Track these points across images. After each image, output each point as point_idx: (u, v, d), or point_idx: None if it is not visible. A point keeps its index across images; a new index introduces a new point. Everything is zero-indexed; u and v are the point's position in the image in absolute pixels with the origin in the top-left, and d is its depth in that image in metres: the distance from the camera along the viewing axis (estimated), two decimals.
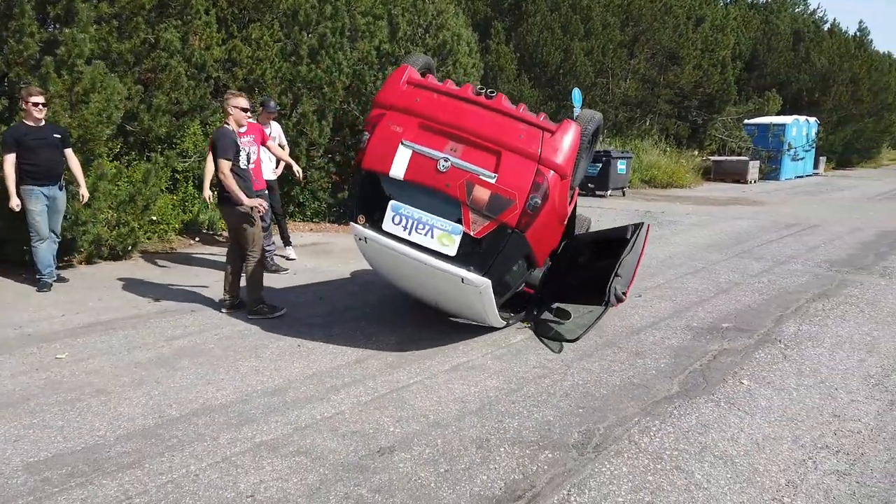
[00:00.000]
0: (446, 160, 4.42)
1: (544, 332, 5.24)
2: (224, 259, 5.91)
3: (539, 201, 4.35)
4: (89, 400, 3.92)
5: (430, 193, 4.48)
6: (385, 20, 10.56)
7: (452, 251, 4.43)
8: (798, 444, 3.50)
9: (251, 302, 5.64)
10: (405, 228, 4.50)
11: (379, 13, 11.45)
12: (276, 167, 7.74)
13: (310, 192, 10.51)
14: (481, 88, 4.75)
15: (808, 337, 5.28)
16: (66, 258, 7.60)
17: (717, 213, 13.12)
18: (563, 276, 5.67)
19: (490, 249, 4.42)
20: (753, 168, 21.08)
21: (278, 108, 8.72)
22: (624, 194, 16.59)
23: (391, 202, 4.56)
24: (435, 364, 4.60)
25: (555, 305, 5.59)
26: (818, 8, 42.03)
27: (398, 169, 4.51)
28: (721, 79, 22.65)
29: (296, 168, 6.95)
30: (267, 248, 6.90)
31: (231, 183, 5.38)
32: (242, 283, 5.75)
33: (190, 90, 9.37)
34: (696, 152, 22.59)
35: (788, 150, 22.34)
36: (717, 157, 22.10)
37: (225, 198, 5.55)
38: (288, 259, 7.84)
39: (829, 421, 3.79)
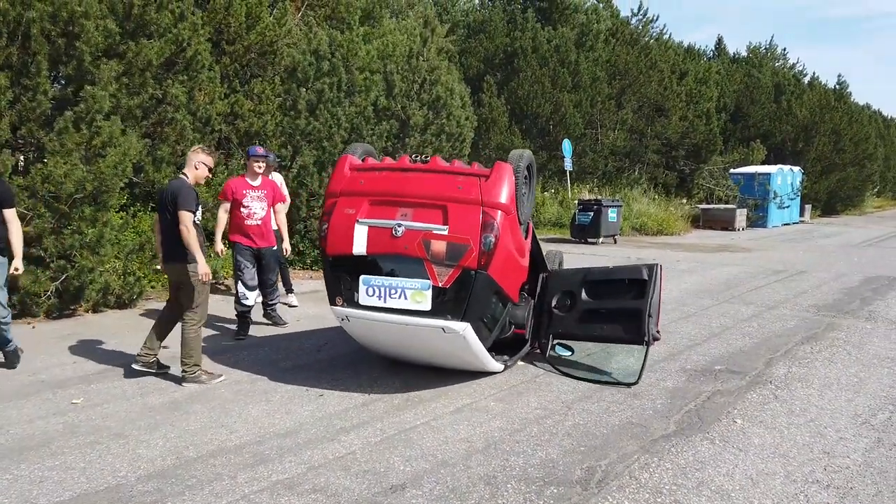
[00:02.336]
0: (399, 226, 4.73)
1: (565, 366, 5.65)
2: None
3: (492, 239, 4.65)
4: (108, 443, 4.05)
5: (394, 259, 4.80)
6: (381, 75, 10.99)
7: (427, 306, 4.69)
8: (790, 479, 3.68)
9: (189, 366, 5.14)
10: (380, 297, 4.78)
11: (375, 68, 11.90)
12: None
13: (310, 240, 10.75)
14: (416, 156, 5.18)
15: (797, 378, 5.48)
16: (72, 307, 7.76)
17: (706, 260, 13.42)
18: (568, 314, 5.85)
19: (460, 294, 4.68)
20: (741, 216, 21.54)
21: (278, 159, 8.93)
22: (615, 241, 16.91)
23: (361, 277, 4.85)
24: (439, 406, 4.76)
25: (556, 342, 5.81)
26: (797, 62, 43.29)
27: (360, 246, 4.83)
28: (706, 129, 23.34)
29: (285, 244, 7.03)
30: (271, 302, 7.04)
31: (194, 240, 4.98)
32: (168, 342, 5.46)
33: (195, 143, 9.66)
34: (684, 200, 23.08)
35: (774, 199, 22.87)
36: (705, 206, 22.59)
37: (174, 253, 5.12)
38: (290, 306, 8.01)
39: (819, 457, 3.96)
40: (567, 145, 19.83)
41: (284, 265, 8.18)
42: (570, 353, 5.83)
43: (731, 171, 24.23)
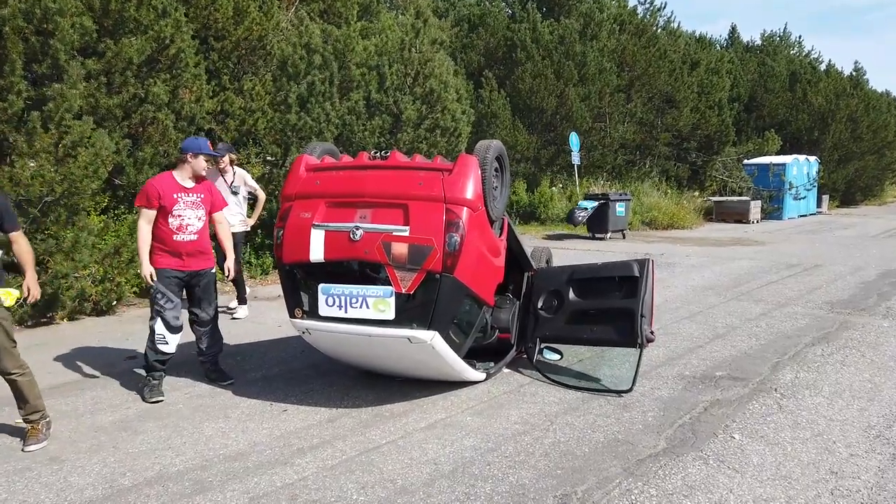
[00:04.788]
0: (357, 228, 4.35)
1: (553, 372, 5.26)
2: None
3: (457, 238, 4.27)
4: (40, 469, 3.72)
5: (353, 265, 4.43)
6: (375, 70, 10.62)
7: (391, 314, 4.31)
8: None
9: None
10: (340, 307, 4.40)
11: (374, 63, 11.53)
12: (247, 218, 7.44)
13: None
14: (375, 152, 4.79)
15: (805, 385, 5.03)
16: (49, 314, 7.48)
17: (717, 255, 12.92)
18: (555, 316, 5.45)
19: (426, 300, 4.29)
20: (755, 208, 20.94)
21: (232, 150, 7.69)
22: (624, 237, 16.43)
23: (320, 286, 4.47)
24: (411, 422, 4.38)
25: (543, 346, 5.41)
26: (812, 49, 42.37)
27: (317, 252, 4.45)
28: (719, 120, 22.73)
29: (229, 262, 5.32)
30: (208, 350, 5.28)
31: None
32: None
33: (179, 143, 9.35)
34: (696, 193, 22.52)
35: (790, 190, 22.22)
36: (718, 198, 22.00)
37: None
38: (233, 317, 7.40)
39: (825, 478, 3.54)
40: (574, 139, 19.32)
41: (240, 275, 7.39)
42: (558, 357, 5.43)
43: (745, 161, 23.59)
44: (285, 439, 4.11)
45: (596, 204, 15.74)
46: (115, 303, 7.88)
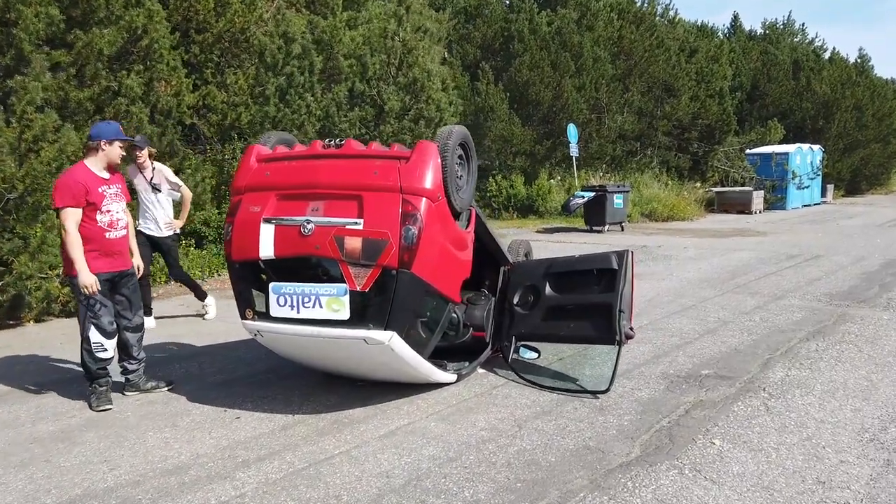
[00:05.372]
0: (308, 222, 4.06)
1: (529, 372, 4.96)
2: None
3: (415, 231, 3.97)
4: None
5: (305, 262, 4.15)
6: (358, 59, 10.31)
7: (345, 314, 4.01)
8: None
9: None
10: (292, 307, 4.10)
11: (362, 54, 11.21)
12: (173, 220, 6.76)
13: None
14: (329, 141, 4.49)
15: (796, 383, 4.71)
16: (19, 315, 7.23)
17: (716, 246, 12.57)
18: (531, 312, 5.14)
19: (383, 298, 4.00)
20: (758, 198, 20.56)
21: (150, 144, 7.08)
22: (622, 229, 16.08)
23: (271, 285, 4.18)
24: (370, 429, 4.09)
25: (519, 344, 5.11)
26: (816, 37, 41.74)
27: (266, 249, 4.15)
28: (720, 109, 22.32)
29: (136, 259, 4.91)
30: (137, 356, 4.81)
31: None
32: None
33: (154, 137, 9.07)
34: (698, 184, 22.13)
35: (793, 179, 21.83)
36: (719, 189, 21.63)
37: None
38: (205, 317, 7.08)
39: (811, 489, 3.22)
40: (572, 130, 18.97)
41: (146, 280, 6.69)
42: (536, 355, 5.11)
43: (748, 151, 23.19)
44: (231, 450, 3.83)
45: (592, 193, 15.40)
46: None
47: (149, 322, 6.65)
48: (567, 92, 18.19)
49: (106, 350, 4.50)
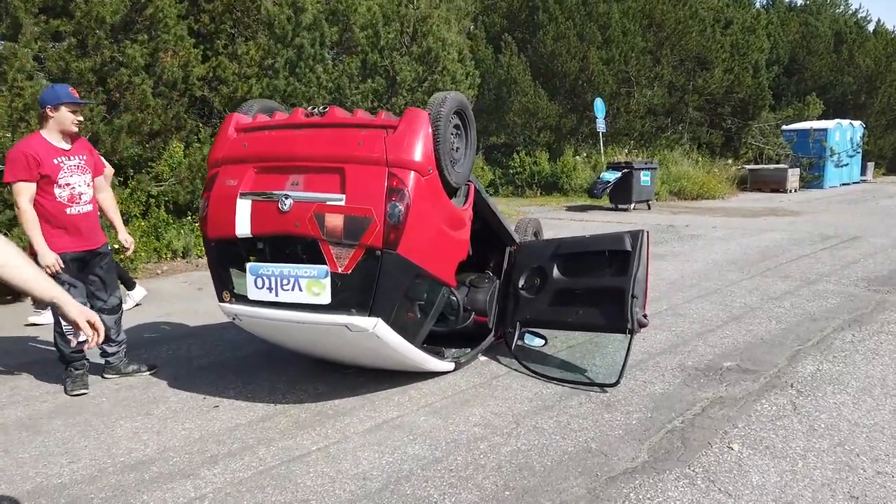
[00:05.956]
0: (286, 197, 3.71)
1: (534, 361, 4.61)
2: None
3: (401, 209, 3.59)
4: None
5: (283, 240, 3.82)
6: (372, 29, 9.89)
7: (326, 298, 3.67)
8: None
9: None
10: (271, 290, 3.77)
11: (375, 22, 10.78)
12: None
13: None
14: (312, 108, 4.10)
15: (828, 379, 4.27)
16: (7, 297, 7.05)
17: (746, 226, 12.00)
18: (538, 296, 4.76)
19: (366, 282, 3.64)
20: (793, 176, 19.77)
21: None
22: (649, 207, 15.53)
23: (248, 266, 3.86)
24: (354, 422, 3.77)
25: (523, 330, 4.74)
26: (860, 8, 40.01)
27: (243, 226, 3.82)
28: (754, 83, 21.42)
29: (122, 235, 4.63)
30: (117, 338, 4.52)
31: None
32: None
33: (159, 109, 8.81)
34: (730, 161, 21.35)
35: (831, 157, 20.94)
36: (753, 166, 20.84)
37: None
38: (134, 305, 6.48)
39: None
40: (599, 104, 18.33)
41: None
42: (542, 342, 4.73)
43: (784, 127, 22.29)
44: (202, 443, 3.54)
45: (619, 174, 14.84)
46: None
47: (139, 292, 6.51)
48: (594, 64, 17.55)
49: (79, 333, 4.21)
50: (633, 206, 15.13)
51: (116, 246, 4.52)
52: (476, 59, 18.76)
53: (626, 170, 14.89)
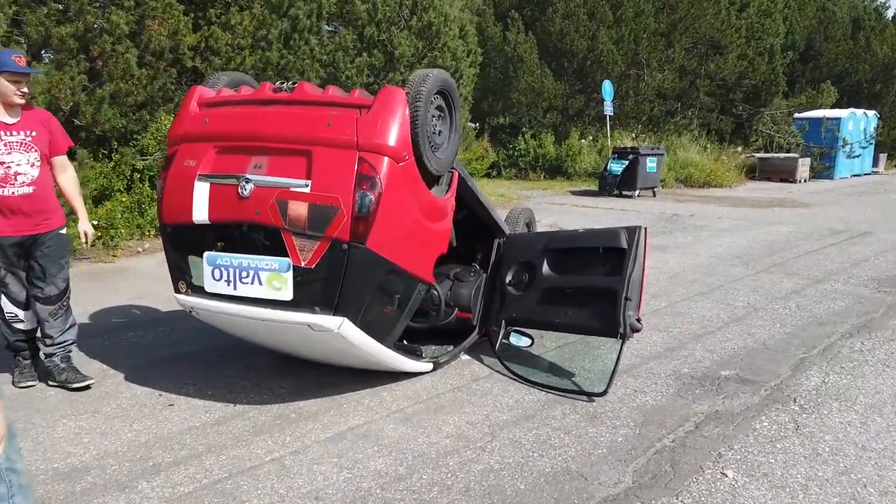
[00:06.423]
0: (247, 181, 3.38)
1: (519, 363, 4.30)
2: None
3: (371, 198, 3.26)
4: None
5: (243, 228, 3.48)
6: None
7: (288, 294, 3.34)
8: None
9: None
10: (229, 282, 3.45)
11: None
12: None
13: None
14: (281, 83, 3.76)
15: (834, 393, 3.95)
16: None
17: (753, 217, 11.62)
18: (525, 293, 4.44)
19: (331, 278, 3.31)
20: (803, 166, 19.27)
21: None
22: (654, 195, 15.12)
23: (206, 255, 3.53)
24: (317, 428, 3.47)
25: (509, 329, 4.41)
26: None
27: (200, 212, 3.50)
28: (768, 68, 20.85)
29: (84, 225, 4.14)
30: (60, 341, 3.98)
31: None
32: None
33: (144, 79, 8.45)
34: (739, 149, 20.85)
35: (843, 147, 20.39)
36: (762, 154, 20.34)
37: None
38: None
39: None
40: (607, 87, 17.86)
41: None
42: (529, 342, 4.39)
43: (796, 115, 21.73)
44: (147, 449, 3.24)
45: (626, 162, 14.45)
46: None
47: None
48: (603, 44, 17.05)
49: (22, 321, 3.91)
50: (637, 193, 14.74)
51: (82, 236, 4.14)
52: (483, 36, 18.31)
53: (631, 156, 14.49)
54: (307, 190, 3.28)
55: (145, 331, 5.06)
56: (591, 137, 18.97)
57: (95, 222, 7.93)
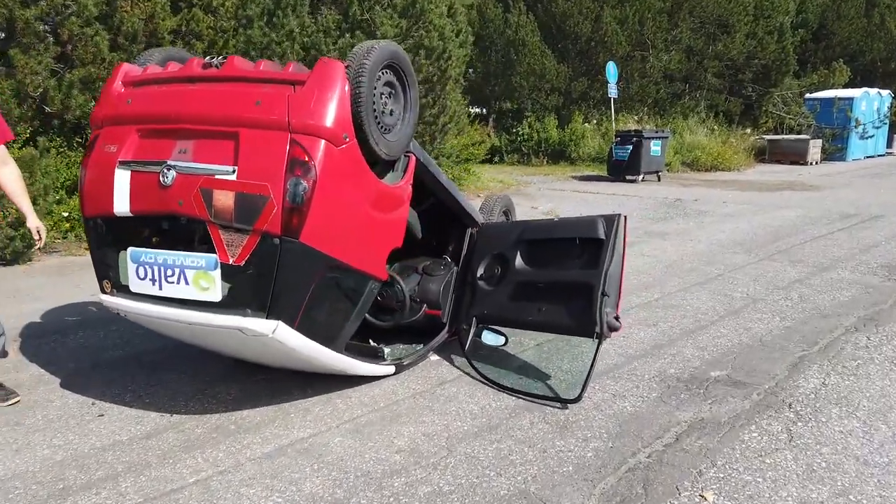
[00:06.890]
0: (169, 168, 3.02)
1: (490, 364, 3.97)
2: None
3: (306, 186, 2.89)
4: None
5: (166, 221, 3.16)
6: None
7: (216, 295, 3.00)
8: None
9: None
10: (154, 282, 3.12)
11: None
12: None
13: None
14: (211, 58, 3.37)
15: (834, 397, 3.57)
16: None
17: (760, 202, 11.17)
18: (497, 288, 4.07)
19: (263, 276, 2.95)
20: (815, 148, 18.72)
21: None
22: (659, 179, 14.69)
23: (130, 251, 3.20)
24: (255, 442, 3.13)
25: (479, 326, 4.05)
26: None
27: (122, 203, 3.16)
28: (778, 48, 20.23)
29: (32, 222, 3.66)
30: None
31: None
32: None
33: (114, 64, 8.10)
34: (748, 131, 20.29)
35: (856, 127, 19.79)
36: (772, 136, 19.78)
37: None
38: None
39: None
40: (612, 69, 17.34)
41: None
42: (502, 341, 4.03)
43: (807, 96, 21.11)
44: (61, 469, 2.92)
45: (630, 147, 14.02)
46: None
47: None
48: (607, 24, 16.53)
49: None
50: (641, 177, 14.32)
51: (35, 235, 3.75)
52: (484, 18, 17.82)
53: (635, 139, 14.04)
54: (233, 177, 2.92)
55: (96, 330, 4.75)
56: (595, 121, 18.49)
57: (67, 213, 7.65)
